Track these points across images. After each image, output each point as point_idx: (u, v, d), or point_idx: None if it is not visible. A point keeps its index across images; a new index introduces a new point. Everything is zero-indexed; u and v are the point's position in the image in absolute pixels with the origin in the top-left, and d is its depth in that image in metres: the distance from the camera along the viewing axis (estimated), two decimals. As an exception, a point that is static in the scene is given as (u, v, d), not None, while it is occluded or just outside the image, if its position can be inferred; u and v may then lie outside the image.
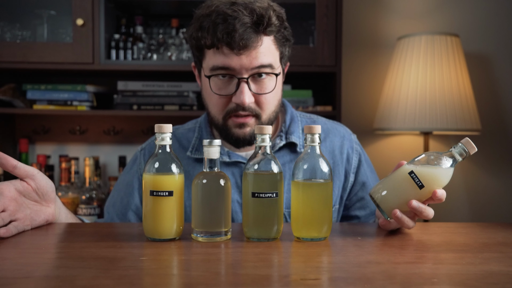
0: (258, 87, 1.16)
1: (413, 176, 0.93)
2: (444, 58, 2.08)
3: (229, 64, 1.13)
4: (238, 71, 1.13)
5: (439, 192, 0.93)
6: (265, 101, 1.17)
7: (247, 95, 1.13)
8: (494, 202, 2.42)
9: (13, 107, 2.16)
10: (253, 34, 1.11)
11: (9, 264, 0.76)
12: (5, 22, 2.13)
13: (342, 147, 1.30)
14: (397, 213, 0.93)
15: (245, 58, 1.12)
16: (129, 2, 2.17)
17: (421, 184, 0.93)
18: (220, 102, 1.17)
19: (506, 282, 0.69)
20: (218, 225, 0.91)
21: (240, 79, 1.14)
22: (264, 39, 1.13)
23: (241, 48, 1.10)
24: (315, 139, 0.92)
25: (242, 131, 1.18)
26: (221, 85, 1.16)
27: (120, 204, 1.27)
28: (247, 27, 1.10)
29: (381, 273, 0.73)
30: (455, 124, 2.04)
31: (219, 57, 1.13)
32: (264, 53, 1.14)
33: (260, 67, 1.14)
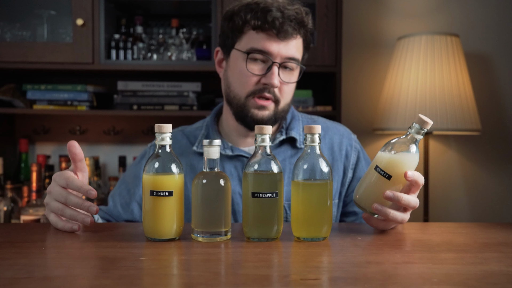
0: (284, 76, 1.26)
1: (379, 170, 0.95)
2: (444, 58, 2.08)
3: (269, 48, 1.23)
4: (275, 56, 1.23)
5: (409, 173, 0.94)
6: (287, 90, 1.28)
7: (277, 78, 1.23)
8: (494, 202, 2.42)
9: (13, 107, 2.16)
10: (296, 27, 1.24)
11: (9, 264, 0.76)
12: (5, 22, 2.13)
13: (341, 144, 1.35)
14: (376, 205, 0.95)
15: (283, 46, 1.23)
16: (129, 2, 2.17)
17: (388, 175, 0.94)
18: (249, 81, 1.25)
19: (506, 282, 0.69)
20: (218, 225, 0.91)
21: (274, 62, 1.23)
22: (298, 36, 1.26)
23: (285, 36, 1.23)
24: (315, 139, 0.92)
25: (261, 113, 1.26)
26: (254, 66, 1.25)
27: (126, 194, 1.31)
28: (292, 19, 1.23)
29: (381, 273, 0.73)
30: (455, 124, 2.04)
31: (260, 40, 1.24)
32: (297, 48, 1.26)
33: (292, 59, 1.25)
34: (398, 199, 0.94)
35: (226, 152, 1.29)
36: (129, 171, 1.37)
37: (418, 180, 0.95)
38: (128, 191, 1.31)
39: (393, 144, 0.96)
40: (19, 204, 2.08)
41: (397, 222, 0.98)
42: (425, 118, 0.94)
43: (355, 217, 1.32)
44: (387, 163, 0.95)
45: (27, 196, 2.06)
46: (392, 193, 0.94)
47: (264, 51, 1.23)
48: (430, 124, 0.94)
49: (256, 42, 1.23)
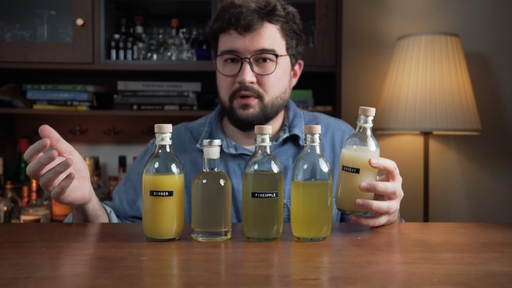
0: (261, 69, 1.24)
1: (346, 169, 0.97)
2: (444, 58, 2.08)
3: (234, 45, 1.23)
4: (242, 52, 1.23)
5: (373, 160, 0.96)
6: (268, 82, 1.24)
7: (248, 74, 1.22)
8: (494, 202, 2.42)
9: (13, 107, 2.16)
10: (256, 18, 1.22)
11: (9, 264, 0.76)
12: (5, 22, 2.13)
13: (343, 141, 1.35)
14: (358, 201, 0.95)
15: (248, 40, 1.22)
16: (129, 2, 2.17)
17: (355, 169, 0.96)
18: (226, 83, 1.26)
19: (506, 282, 0.69)
20: (218, 225, 0.91)
21: (243, 59, 1.22)
22: (268, 26, 1.24)
23: (245, 28, 1.21)
24: (315, 139, 0.92)
25: (245, 112, 1.25)
26: (227, 67, 1.26)
27: (132, 192, 1.30)
28: (252, 11, 1.21)
29: (381, 273, 0.73)
30: (455, 124, 2.04)
31: (227, 41, 1.24)
32: (267, 39, 1.23)
33: (263, 51, 1.23)
34: (374, 187, 0.95)
35: (229, 151, 1.29)
36: (133, 168, 1.36)
37: (386, 165, 0.97)
38: (134, 189, 1.30)
39: (350, 141, 0.98)
40: (19, 204, 2.08)
41: (384, 212, 0.99)
42: (367, 107, 0.97)
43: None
44: (351, 160, 0.97)
45: (27, 196, 2.06)
46: (367, 184, 0.95)
47: (231, 50, 1.23)
48: (373, 110, 0.96)
49: (224, 44, 1.25)
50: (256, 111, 1.25)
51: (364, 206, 0.96)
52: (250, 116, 1.25)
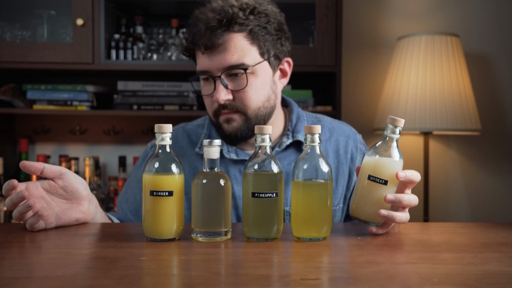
0: (235, 84, 1.20)
1: (373, 179, 0.94)
2: (444, 58, 2.08)
3: (204, 66, 1.20)
4: (212, 71, 1.19)
5: (401, 174, 0.93)
6: (245, 96, 1.20)
7: (221, 93, 1.18)
8: (494, 202, 2.42)
9: (13, 107, 2.16)
10: (217, 33, 1.15)
11: (9, 264, 0.76)
12: (5, 22, 2.13)
13: (347, 146, 1.32)
14: (382, 212, 0.93)
15: (214, 58, 1.17)
16: (129, 2, 2.17)
17: (384, 181, 0.94)
18: (208, 102, 1.25)
19: (506, 282, 0.69)
20: (218, 225, 0.91)
21: (214, 78, 1.19)
22: (232, 37, 1.16)
23: (206, 47, 1.16)
24: (315, 139, 0.92)
25: (230, 126, 1.22)
26: (205, 87, 1.24)
27: (133, 201, 1.29)
28: (211, 27, 1.15)
29: (381, 273, 0.73)
30: (455, 124, 2.04)
31: (198, 61, 1.22)
32: (233, 53, 1.17)
33: (231, 67, 1.17)
34: (400, 200, 0.93)
35: (230, 156, 1.26)
36: (132, 175, 1.35)
37: (412, 178, 0.95)
38: (135, 197, 1.29)
39: (375, 150, 0.96)
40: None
41: (403, 223, 0.97)
42: (396, 117, 0.95)
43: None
44: (378, 169, 0.94)
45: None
46: (393, 196, 0.93)
47: (202, 71, 1.20)
48: (402, 121, 0.95)
49: (198, 63, 1.22)
50: (239, 124, 1.21)
51: (388, 218, 0.94)
52: (235, 130, 1.22)
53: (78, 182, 1.03)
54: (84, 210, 1.05)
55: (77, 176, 1.04)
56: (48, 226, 1.00)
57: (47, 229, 1.00)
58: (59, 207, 1.02)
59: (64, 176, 1.01)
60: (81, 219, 1.05)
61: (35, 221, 0.97)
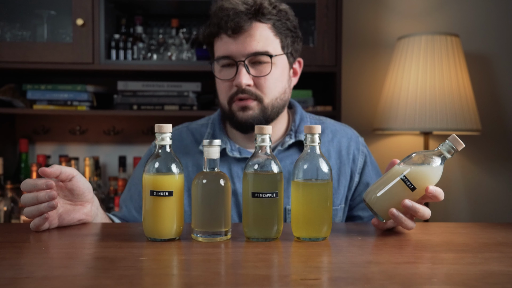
0: (257, 71, 1.23)
1: (405, 180, 0.94)
2: (444, 58, 2.08)
3: (227, 50, 1.22)
4: (236, 55, 1.22)
5: (431, 188, 0.94)
6: (265, 84, 1.23)
7: (244, 77, 1.21)
8: (494, 202, 2.42)
9: (13, 107, 2.16)
10: (245, 19, 1.20)
11: (9, 264, 0.76)
12: (5, 22, 2.13)
13: (349, 148, 1.33)
14: (393, 211, 0.93)
15: (240, 44, 1.21)
16: (129, 2, 2.17)
17: (413, 187, 0.94)
18: (224, 87, 1.25)
19: (506, 282, 0.69)
20: (218, 225, 0.91)
21: (238, 62, 1.21)
22: (258, 26, 1.22)
23: (233, 31, 1.20)
24: (315, 139, 0.92)
25: (245, 114, 1.23)
26: (224, 72, 1.25)
27: (138, 198, 1.30)
28: (240, 13, 1.20)
29: (381, 273, 0.73)
30: (455, 124, 2.04)
31: (220, 46, 1.24)
32: (259, 40, 1.21)
33: (256, 53, 1.21)
34: (415, 210, 0.94)
35: (233, 154, 1.27)
36: (136, 173, 1.35)
37: (438, 195, 0.95)
38: (139, 194, 1.30)
39: (426, 156, 0.95)
40: (19, 204, 2.08)
41: (407, 229, 0.98)
42: (459, 140, 0.94)
43: (361, 221, 1.31)
44: (417, 174, 0.94)
45: (27, 196, 2.06)
46: (411, 203, 0.93)
47: (225, 56, 1.22)
48: (462, 147, 0.94)
49: (218, 49, 1.24)
50: (255, 113, 1.23)
51: (397, 219, 0.94)
52: (250, 118, 1.23)
53: (85, 186, 1.04)
54: (86, 212, 1.06)
55: (84, 180, 1.04)
56: (50, 226, 1.00)
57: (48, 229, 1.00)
58: (63, 208, 1.02)
59: (74, 179, 1.02)
60: (82, 220, 1.06)
61: (41, 222, 0.97)
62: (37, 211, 0.96)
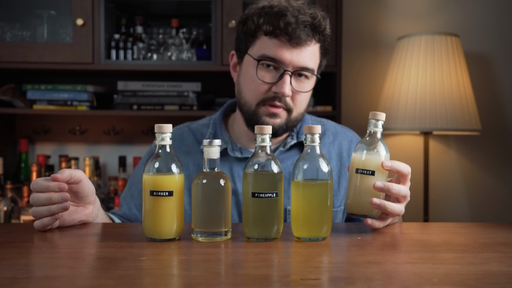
0: (298, 85, 1.23)
1: (361, 171, 0.97)
2: (444, 58, 2.08)
3: (280, 55, 1.19)
4: (287, 64, 1.20)
5: (386, 163, 0.96)
6: (300, 99, 1.24)
7: (288, 87, 1.20)
8: (494, 202, 2.42)
9: (13, 107, 2.16)
10: (310, 34, 1.19)
11: (9, 264, 0.76)
12: (5, 22, 2.13)
13: (350, 150, 1.34)
14: (374, 200, 0.95)
15: (296, 54, 1.19)
16: (129, 2, 2.17)
17: (371, 172, 0.96)
18: (259, 88, 1.22)
19: (506, 282, 0.69)
20: (218, 225, 0.91)
21: (286, 71, 1.20)
22: (314, 43, 1.22)
23: (297, 42, 1.18)
24: (315, 139, 0.92)
25: (272, 121, 1.23)
26: (265, 73, 1.22)
27: (138, 196, 1.30)
28: (307, 25, 1.18)
29: (381, 273, 0.73)
30: (455, 124, 2.04)
31: (272, 47, 1.20)
32: (311, 57, 1.22)
33: (305, 69, 1.21)
34: (388, 188, 0.95)
35: (235, 154, 1.27)
36: (136, 171, 1.35)
37: (399, 168, 0.97)
38: (140, 192, 1.30)
39: (361, 146, 0.98)
40: (19, 204, 2.08)
41: (396, 214, 0.99)
42: (377, 112, 0.97)
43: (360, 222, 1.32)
44: (365, 162, 0.97)
45: (27, 196, 2.06)
46: (382, 183, 0.95)
47: (275, 59, 1.19)
48: (383, 114, 0.97)
49: (268, 48, 1.20)
50: (282, 122, 1.23)
51: (380, 206, 0.96)
52: (277, 125, 1.23)
53: (90, 189, 1.04)
54: (87, 213, 1.07)
55: (90, 182, 1.05)
56: (52, 226, 1.01)
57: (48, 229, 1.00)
58: None
59: (81, 182, 1.02)
60: (83, 221, 1.07)
61: (51, 222, 0.98)
62: (47, 211, 0.97)
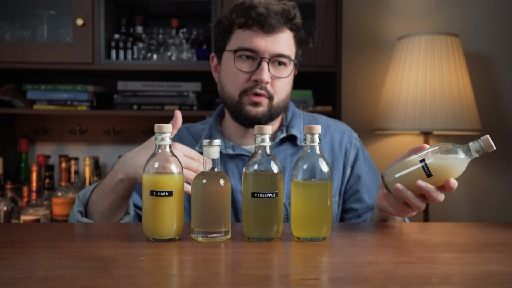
0: (277, 72, 1.27)
1: (423, 165, 0.94)
2: (444, 58, 2.08)
3: (255, 44, 1.24)
4: (262, 52, 1.24)
5: (452, 182, 0.93)
6: (280, 85, 1.27)
7: (266, 73, 1.24)
8: (494, 202, 2.42)
9: (13, 107, 2.16)
10: (281, 21, 1.24)
11: (9, 264, 0.76)
12: (5, 22, 2.13)
13: (342, 142, 1.36)
14: (397, 185, 0.94)
15: (270, 42, 1.24)
16: (129, 2, 2.17)
17: (429, 173, 0.94)
18: (239, 79, 1.26)
19: (506, 282, 0.69)
20: (218, 225, 0.91)
21: (262, 58, 1.24)
22: (287, 32, 1.27)
23: (270, 29, 1.23)
24: (315, 139, 0.92)
25: (255, 109, 1.26)
26: (243, 64, 1.26)
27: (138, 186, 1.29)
28: (278, 13, 1.24)
29: (381, 273, 0.73)
30: (455, 124, 2.04)
31: (248, 37, 1.24)
32: (285, 44, 1.26)
33: (281, 56, 1.25)
34: (429, 191, 0.93)
35: (227, 151, 1.30)
36: None
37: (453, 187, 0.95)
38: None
39: (451, 148, 0.95)
40: (19, 204, 2.08)
41: (415, 208, 0.98)
42: (491, 142, 0.93)
43: (354, 213, 1.33)
44: (437, 163, 0.94)
45: (27, 196, 2.06)
46: (424, 184, 0.93)
47: (251, 49, 1.24)
48: (493, 149, 0.93)
49: (243, 40, 1.25)
50: (265, 110, 1.27)
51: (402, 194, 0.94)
52: (260, 114, 1.26)
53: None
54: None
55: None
56: None
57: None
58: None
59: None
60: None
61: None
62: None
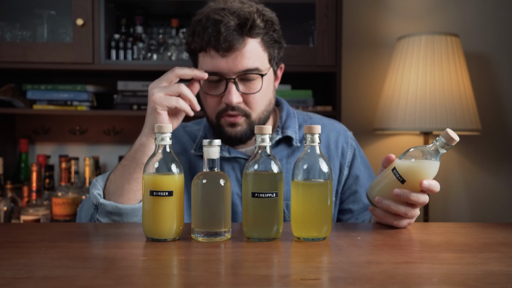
0: (246, 88, 1.21)
1: (395, 172, 0.98)
2: (444, 58, 2.08)
3: (216, 67, 1.18)
4: (226, 73, 1.19)
5: (425, 183, 0.96)
6: (254, 100, 1.22)
7: (234, 95, 1.19)
8: (494, 202, 2.42)
9: (13, 107, 2.16)
10: (237, 36, 1.16)
11: (9, 264, 0.76)
12: (5, 22, 2.13)
13: (337, 141, 1.35)
14: (376, 198, 0.99)
15: (231, 61, 1.17)
16: (129, 2, 2.17)
17: (402, 179, 0.97)
18: (212, 102, 1.24)
19: (506, 282, 0.69)
20: (218, 225, 0.91)
21: (228, 79, 1.19)
22: (249, 41, 1.19)
23: (226, 50, 1.16)
24: (315, 139, 0.92)
25: (233, 130, 1.24)
26: (212, 87, 1.22)
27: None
28: (232, 29, 1.16)
29: (381, 273, 0.73)
30: (455, 124, 2.04)
31: (208, 60, 1.20)
32: (250, 57, 1.19)
33: (247, 71, 1.19)
34: (407, 196, 0.96)
35: (223, 154, 1.29)
36: None
37: (433, 188, 0.97)
38: None
39: (415, 152, 0.98)
40: (19, 204, 2.08)
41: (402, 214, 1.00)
42: (453, 134, 0.95)
43: (351, 215, 1.33)
44: (408, 168, 0.97)
45: (27, 196, 2.06)
46: (400, 190, 0.96)
47: (214, 72, 1.19)
48: (456, 141, 0.95)
49: (206, 64, 1.20)
50: (243, 128, 1.23)
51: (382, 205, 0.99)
52: (239, 134, 1.24)
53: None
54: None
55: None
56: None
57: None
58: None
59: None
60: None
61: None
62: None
